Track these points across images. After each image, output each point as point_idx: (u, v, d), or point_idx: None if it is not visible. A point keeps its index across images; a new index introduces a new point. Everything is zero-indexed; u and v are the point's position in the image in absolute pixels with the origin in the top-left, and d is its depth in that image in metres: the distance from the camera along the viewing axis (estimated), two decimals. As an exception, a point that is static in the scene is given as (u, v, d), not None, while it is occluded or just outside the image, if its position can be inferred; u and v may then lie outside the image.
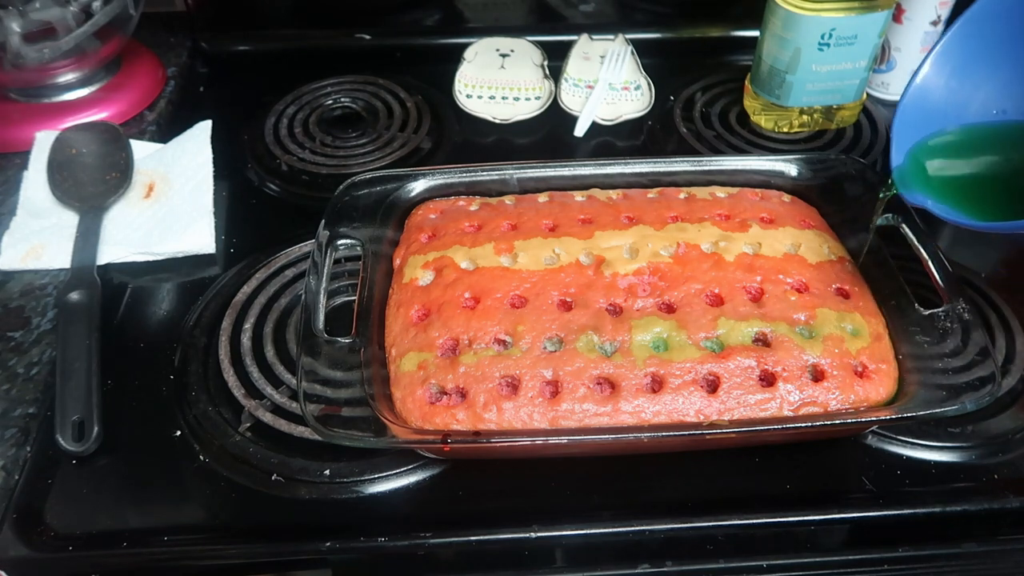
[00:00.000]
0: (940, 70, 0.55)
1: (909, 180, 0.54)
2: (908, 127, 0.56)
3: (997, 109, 0.56)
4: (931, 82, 0.55)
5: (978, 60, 0.55)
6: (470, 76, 0.82)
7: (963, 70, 0.55)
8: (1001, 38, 0.54)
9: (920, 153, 0.55)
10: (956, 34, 0.54)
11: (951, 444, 0.52)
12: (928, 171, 0.55)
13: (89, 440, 0.50)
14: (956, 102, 0.56)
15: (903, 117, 0.55)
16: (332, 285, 0.59)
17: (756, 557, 0.52)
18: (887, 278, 0.56)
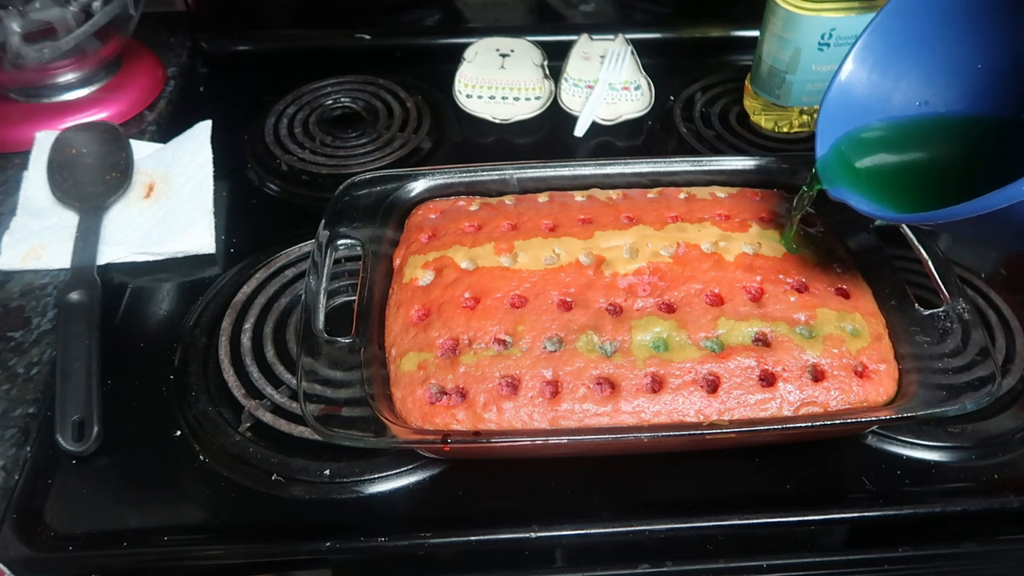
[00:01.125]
0: (862, 64, 0.56)
1: (833, 174, 0.54)
2: (833, 121, 0.56)
3: (920, 100, 0.57)
4: (854, 77, 0.56)
5: (898, 53, 0.55)
6: (470, 76, 0.82)
7: (884, 63, 0.56)
8: (919, 31, 0.55)
9: (845, 147, 0.56)
10: (876, 29, 0.55)
11: (951, 444, 0.52)
12: (854, 165, 0.55)
13: (89, 440, 0.50)
14: (880, 95, 0.56)
15: (827, 112, 0.56)
16: (332, 285, 0.59)
17: (756, 557, 0.52)
18: (887, 278, 0.56)
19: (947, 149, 0.56)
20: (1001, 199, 0.41)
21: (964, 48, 0.55)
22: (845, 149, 0.56)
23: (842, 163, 0.55)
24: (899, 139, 0.56)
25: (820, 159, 0.55)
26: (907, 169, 0.55)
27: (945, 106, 0.57)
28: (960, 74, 0.56)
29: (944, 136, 0.56)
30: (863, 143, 0.56)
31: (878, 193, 0.53)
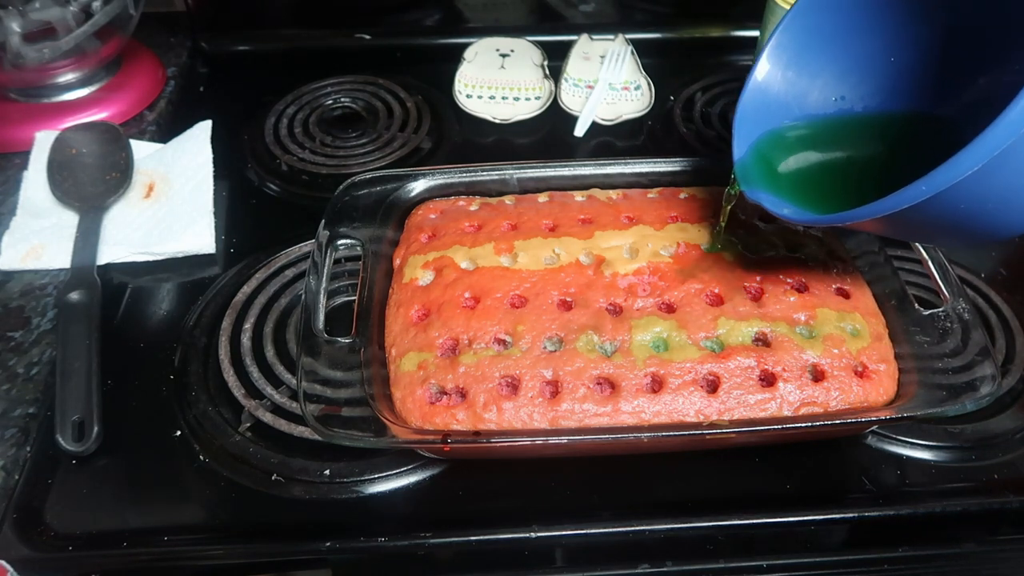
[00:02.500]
0: (777, 62, 0.55)
1: (751, 176, 0.54)
2: (750, 122, 0.56)
3: (836, 96, 0.56)
4: (769, 76, 0.56)
5: (811, 50, 0.55)
6: (470, 76, 0.82)
7: (799, 61, 0.55)
8: (831, 27, 0.54)
9: (766, 148, 0.55)
10: (788, 27, 0.55)
11: (951, 444, 0.53)
12: (774, 166, 0.54)
13: (89, 440, 0.50)
14: (796, 93, 0.56)
15: (744, 111, 0.55)
16: (332, 285, 0.59)
17: (756, 557, 0.52)
18: (887, 278, 0.56)
19: (866, 147, 0.55)
20: (900, 200, 0.41)
21: (876, 42, 0.54)
22: (765, 150, 0.55)
23: (762, 164, 0.54)
24: (819, 138, 0.56)
25: (738, 161, 0.54)
26: (827, 169, 0.55)
27: (862, 101, 0.56)
28: (874, 69, 0.56)
29: (863, 134, 0.56)
30: (783, 143, 0.56)
31: (799, 194, 0.52)
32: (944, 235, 0.48)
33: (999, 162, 0.39)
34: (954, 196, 0.40)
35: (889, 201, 0.41)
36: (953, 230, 0.46)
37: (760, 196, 0.52)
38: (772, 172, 0.54)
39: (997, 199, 0.42)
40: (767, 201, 0.51)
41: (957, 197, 0.41)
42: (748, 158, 0.55)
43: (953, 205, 0.42)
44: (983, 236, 0.48)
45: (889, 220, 0.43)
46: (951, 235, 0.48)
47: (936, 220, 0.44)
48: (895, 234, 0.52)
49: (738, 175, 0.54)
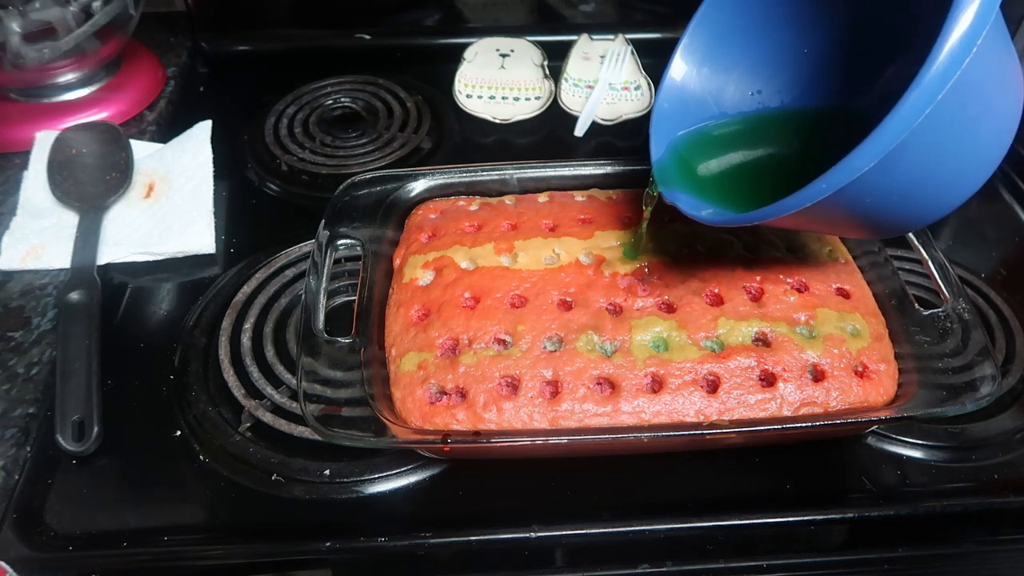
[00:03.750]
0: (691, 59, 0.56)
1: (669, 176, 0.53)
2: (667, 121, 0.55)
3: (752, 91, 0.57)
4: (684, 74, 0.56)
5: (725, 45, 0.55)
6: (470, 76, 0.82)
7: (713, 57, 0.56)
8: (743, 20, 0.55)
9: (685, 147, 0.55)
10: (700, 22, 0.55)
11: (951, 444, 0.52)
12: (693, 166, 0.54)
13: (89, 440, 0.50)
14: (712, 89, 0.56)
15: (661, 111, 0.55)
16: (332, 285, 0.59)
17: (756, 557, 0.52)
18: (887, 278, 0.56)
19: (786, 143, 0.55)
20: (802, 199, 0.41)
21: (787, 35, 0.54)
22: (685, 150, 0.55)
23: (681, 164, 0.54)
24: (739, 137, 0.56)
25: (656, 162, 0.54)
26: (748, 167, 0.55)
27: (779, 95, 0.56)
28: (788, 61, 0.56)
29: (782, 130, 0.56)
30: (704, 143, 0.55)
31: (720, 194, 0.52)
32: (861, 227, 0.48)
33: (895, 157, 0.39)
34: (856, 191, 0.40)
35: (791, 200, 0.41)
36: (867, 223, 0.46)
37: (677, 197, 0.51)
38: (692, 172, 0.54)
39: (901, 191, 0.43)
40: (684, 202, 0.51)
41: (860, 192, 0.41)
42: (667, 158, 0.54)
43: (857, 199, 0.42)
44: (898, 226, 0.48)
45: (800, 217, 0.43)
46: (867, 227, 0.48)
47: (846, 214, 0.44)
48: (818, 229, 0.51)
49: (656, 176, 0.53)
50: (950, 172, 0.44)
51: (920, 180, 0.43)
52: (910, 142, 0.38)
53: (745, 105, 0.57)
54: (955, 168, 0.44)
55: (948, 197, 0.46)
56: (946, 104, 0.38)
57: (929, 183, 0.44)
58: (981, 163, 0.45)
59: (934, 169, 0.43)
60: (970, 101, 0.40)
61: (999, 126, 0.44)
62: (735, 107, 0.57)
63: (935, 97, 0.37)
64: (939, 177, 0.44)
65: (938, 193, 0.45)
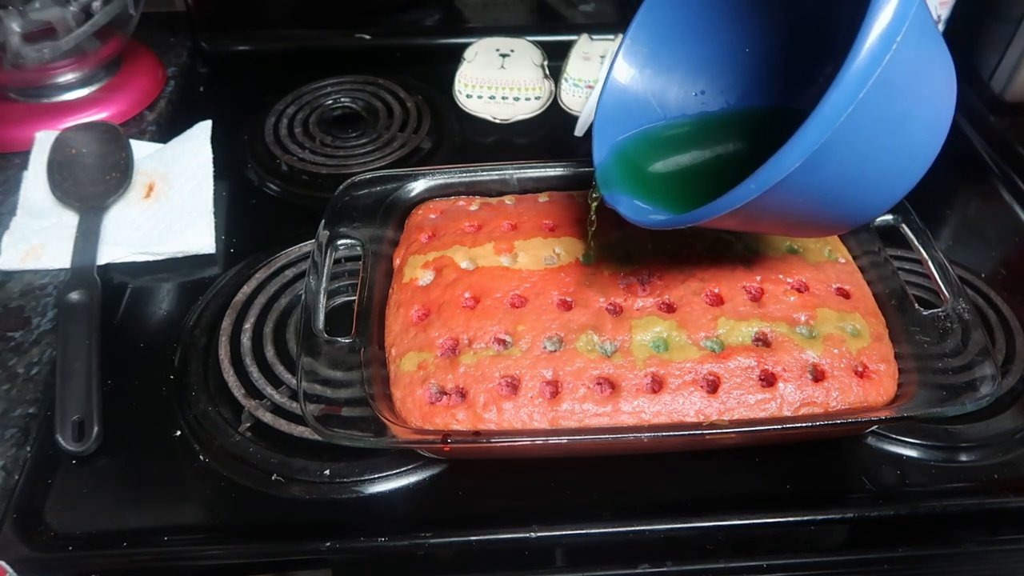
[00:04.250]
0: (633, 61, 0.55)
1: (612, 180, 0.53)
2: (611, 124, 0.55)
3: (696, 91, 0.56)
4: (627, 75, 0.55)
5: (666, 45, 0.55)
6: (470, 76, 0.82)
7: (655, 57, 0.55)
8: (683, 21, 0.54)
9: (631, 150, 0.54)
10: (641, 23, 0.54)
11: (951, 444, 0.52)
12: (638, 168, 0.54)
13: (89, 440, 0.50)
14: (655, 91, 0.56)
15: (604, 114, 0.55)
16: (332, 285, 0.59)
17: (756, 557, 0.52)
18: (887, 278, 0.56)
19: (730, 144, 0.55)
20: (732, 200, 0.41)
21: (728, 34, 0.54)
22: (628, 152, 0.54)
23: (626, 167, 0.54)
24: (684, 138, 0.56)
25: (599, 165, 0.53)
26: (692, 169, 0.54)
27: (723, 95, 0.56)
28: (729, 61, 0.55)
29: (726, 131, 0.56)
30: (648, 145, 0.55)
31: (664, 197, 0.52)
32: (802, 226, 0.48)
33: (822, 156, 0.39)
34: (787, 191, 0.40)
35: (722, 202, 0.41)
36: (806, 221, 0.46)
37: (619, 201, 0.51)
38: (636, 175, 0.53)
39: (835, 189, 0.43)
40: (624, 206, 0.50)
41: (791, 192, 0.41)
42: (610, 161, 0.54)
43: (790, 199, 0.42)
44: (838, 223, 0.48)
45: (737, 217, 0.43)
46: (809, 226, 0.48)
47: (783, 213, 0.44)
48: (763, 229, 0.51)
49: (599, 180, 0.53)
50: (883, 169, 0.44)
51: (853, 178, 0.43)
52: (835, 141, 0.39)
53: (689, 106, 0.56)
54: (888, 165, 0.44)
55: (885, 194, 0.46)
56: (869, 102, 0.38)
57: (863, 180, 0.44)
58: (914, 160, 0.45)
59: (866, 167, 0.43)
60: (896, 98, 0.40)
61: (929, 123, 0.44)
62: (679, 108, 0.56)
63: (856, 96, 0.37)
64: (873, 174, 0.44)
65: (874, 190, 0.45)
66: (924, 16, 0.41)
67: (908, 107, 0.42)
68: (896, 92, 0.40)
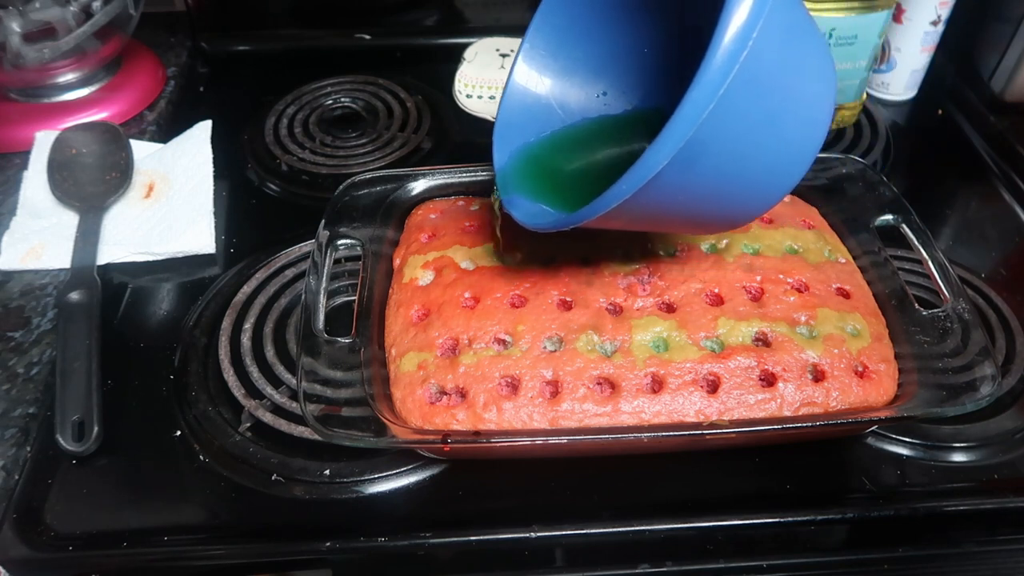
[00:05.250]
0: (532, 65, 0.55)
1: (511, 184, 0.53)
2: (511, 128, 0.55)
3: (598, 92, 0.56)
4: (527, 78, 0.55)
5: (566, 47, 0.55)
6: (470, 76, 0.82)
7: (554, 60, 0.55)
8: (581, 23, 0.54)
9: (527, 154, 0.55)
10: (538, 26, 0.55)
11: (951, 444, 0.52)
12: (538, 172, 0.54)
13: (89, 440, 0.50)
14: (557, 94, 0.56)
15: (504, 118, 0.55)
16: (332, 285, 0.59)
17: (756, 557, 0.52)
18: (887, 278, 0.56)
19: (632, 145, 0.55)
20: (608, 200, 0.41)
21: (627, 36, 0.54)
22: (529, 156, 0.54)
23: (524, 171, 0.54)
24: (584, 140, 0.55)
25: (499, 169, 0.54)
26: (589, 171, 0.54)
27: (624, 96, 0.56)
28: (630, 62, 0.55)
29: (628, 133, 0.56)
30: (549, 148, 0.55)
31: (559, 199, 0.52)
32: (688, 224, 0.49)
33: (692, 153, 0.40)
34: (662, 189, 0.41)
35: (599, 203, 0.42)
36: (690, 219, 0.47)
37: (515, 204, 0.51)
38: (536, 179, 0.53)
39: (714, 186, 0.44)
40: (518, 210, 0.50)
41: (667, 190, 0.42)
42: (510, 166, 0.54)
43: (668, 197, 0.43)
44: (724, 220, 0.48)
45: (620, 217, 0.44)
46: (693, 224, 0.48)
47: (664, 211, 0.45)
48: (650, 228, 0.52)
49: (498, 182, 0.53)
50: (761, 166, 0.45)
51: (730, 174, 0.43)
52: (704, 138, 0.39)
53: (591, 109, 0.56)
54: (766, 162, 0.45)
55: (767, 190, 0.47)
56: (733, 99, 0.38)
57: (742, 177, 0.44)
58: (793, 156, 0.46)
59: (742, 163, 0.43)
60: (764, 96, 0.41)
61: (805, 119, 0.45)
62: (581, 111, 0.56)
63: (716, 92, 0.38)
64: (752, 171, 0.44)
65: (755, 186, 0.46)
66: (790, 14, 0.41)
67: (779, 104, 0.42)
68: (764, 89, 0.41)
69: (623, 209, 0.42)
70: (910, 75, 0.81)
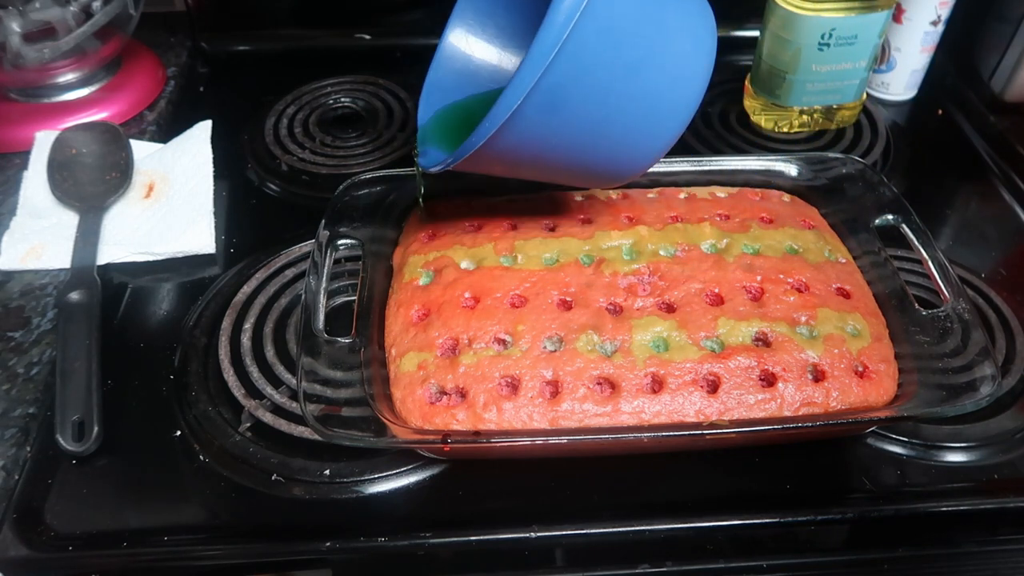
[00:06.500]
0: (460, 32, 0.60)
1: (427, 138, 0.58)
2: (438, 90, 0.60)
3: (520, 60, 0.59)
4: (455, 45, 0.60)
5: (493, 17, 0.60)
6: (470, 76, 0.82)
7: (482, 29, 0.60)
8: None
9: (449, 113, 0.59)
10: None
11: (951, 444, 0.52)
12: (449, 127, 0.58)
13: (89, 440, 0.50)
14: (483, 60, 0.61)
15: (432, 80, 0.60)
16: (332, 285, 0.59)
17: (756, 557, 0.52)
18: (887, 278, 0.56)
19: None
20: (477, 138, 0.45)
21: None
22: (451, 114, 0.59)
23: (442, 127, 0.58)
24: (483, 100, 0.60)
25: (421, 125, 0.58)
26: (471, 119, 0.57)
27: None
28: None
29: None
30: (466, 108, 0.59)
31: None
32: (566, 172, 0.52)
33: (549, 94, 0.43)
34: (527, 130, 0.45)
35: (469, 141, 0.46)
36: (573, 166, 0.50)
37: (426, 152, 0.55)
38: (450, 133, 0.58)
39: (581, 131, 0.47)
40: (424, 158, 0.55)
41: (534, 131, 0.45)
42: (430, 123, 0.59)
43: (536, 138, 0.46)
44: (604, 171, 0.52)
45: (498, 160, 0.48)
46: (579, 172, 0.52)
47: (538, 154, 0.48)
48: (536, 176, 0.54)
49: (418, 139, 0.58)
50: (630, 116, 0.48)
51: (598, 120, 0.47)
52: (561, 81, 0.43)
53: None
54: (635, 111, 0.48)
55: (642, 141, 0.50)
56: (585, 42, 0.42)
57: (612, 124, 0.48)
58: (665, 109, 0.49)
59: (608, 111, 0.47)
60: (622, 43, 0.44)
61: (673, 72, 0.48)
62: (504, 79, 0.60)
63: (561, 34, 0.41)
64: (620, 119, 0.48)
65: (629, 135, 0.49)
66: None
67: (640, 56, 0.45)
68: (619, 39, 0.44)
69: (493, 149, 0.45)
70: (910, 75, 0.81)
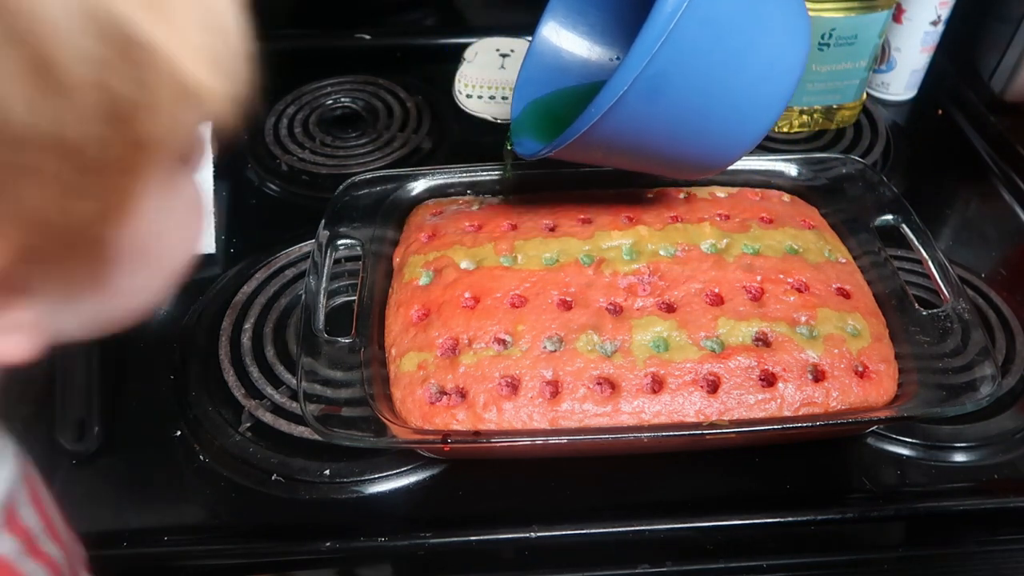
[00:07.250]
0: (553, 29, 0.62)
1: (521, 130, 0.59)
2: (531, 84, 0.62)
3: (612, 56, 0.62)
4: (547, 41, 0.62)
5: (585, 15, 0.61)
6: (470, 76, 0.82)
7: (573, 26, 0.62)
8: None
9: (543, 105, 0.61)
10: None
11: (951, 444, 0.52)
12: (544, 119, 0.60)
13: (89, 440, 0.50)
14: (576, 56, 0.62)
15: (525, 75, 0.62)
16: (332, 285, 0.59)
17: (756, 557, 0.52)
18: (887, 278, 0.56)
19: None
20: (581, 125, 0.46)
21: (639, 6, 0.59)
22: (545, 107, 0.61)
23: (537, 119, 0.60)
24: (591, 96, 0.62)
25: (514, 118, 0.60)
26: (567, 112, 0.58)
27: None
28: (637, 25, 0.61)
29: None
30: (561, 101, 0.61)
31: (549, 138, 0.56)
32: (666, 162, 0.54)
33: (654, 82, 0.44)
34: (628, 117, 0.46)
35: (572, 128, 0.47)
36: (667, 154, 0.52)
37: (522, 143, 0.56)
38: (544, 125, 0.59)
39: (678, 120, 0.48)
40: (521, 147, 0.56)
41: (633, 117, 0.46)
42: (524, 115, 0.61)
43: (636, 126, 0.47)
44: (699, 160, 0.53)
45: (597, 147, 0.49)
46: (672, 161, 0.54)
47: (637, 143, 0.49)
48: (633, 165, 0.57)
49: (512, 130, 0.59)
50: (727, 106, 0.49)
51: (697, 109, 0.48)
52: (664, 69, 0.44)
53: (605, 72, 0.61)
54: (732, 101, 0.49)
55: (735, 132, 0.51)
56: (688, 33, 0.43)
57: (708, 114, 0.49)
58: (761, 101, 0.50)
59: (707, 100, 0.48)
60: (724, 35, 0.46)
61: (771, 64, 0.49)
62: (595, 74, 0.62)
63: (668, 25, 0.43)
64: (717, 109, 0.49)
65: (723, 126, 0.50)
66: None
67: (741, 47, 0.47)
68: (722, 31, 0.46)
69: (595, 135, 0.46)
70: (910, 75, 0.81)
